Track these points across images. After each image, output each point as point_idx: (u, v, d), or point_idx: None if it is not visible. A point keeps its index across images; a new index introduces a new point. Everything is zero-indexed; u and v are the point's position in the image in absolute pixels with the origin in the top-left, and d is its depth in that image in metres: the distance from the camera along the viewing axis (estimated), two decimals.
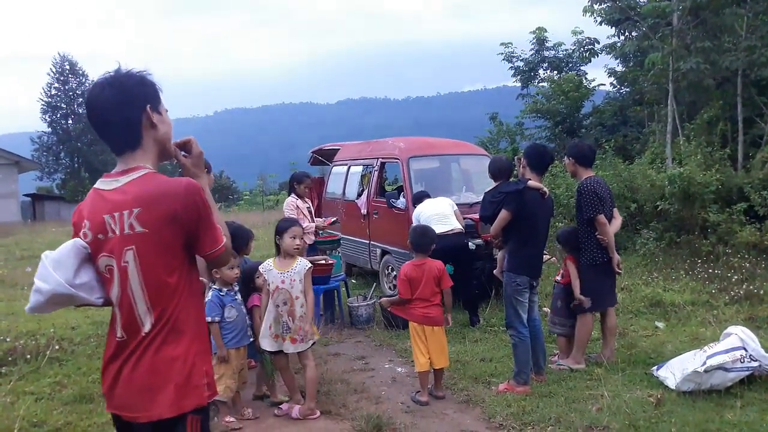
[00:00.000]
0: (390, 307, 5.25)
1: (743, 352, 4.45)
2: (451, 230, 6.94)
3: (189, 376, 1.96)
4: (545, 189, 4.94)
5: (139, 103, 1.96)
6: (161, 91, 2.05)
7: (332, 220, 7.92)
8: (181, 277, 1.99)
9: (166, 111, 2.08)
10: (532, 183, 4.86)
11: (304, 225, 6.69)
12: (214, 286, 4.40)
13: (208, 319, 4.31)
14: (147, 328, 1.96)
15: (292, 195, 7.34)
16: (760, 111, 12.47)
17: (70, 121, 51.32)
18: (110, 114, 1.96)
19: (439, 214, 7.00)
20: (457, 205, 7.34)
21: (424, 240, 4.97)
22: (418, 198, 7.43)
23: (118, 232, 1.93)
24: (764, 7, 11.78)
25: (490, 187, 5.55)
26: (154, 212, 1.90)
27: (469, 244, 7.19)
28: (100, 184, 2.04)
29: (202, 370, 2.00)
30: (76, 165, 51.01)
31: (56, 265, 2.01)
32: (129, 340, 1.98)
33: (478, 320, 6.98)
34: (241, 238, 5.04)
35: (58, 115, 51.19)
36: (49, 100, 50.93)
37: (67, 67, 51.57)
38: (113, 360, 2.01)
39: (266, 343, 4.50)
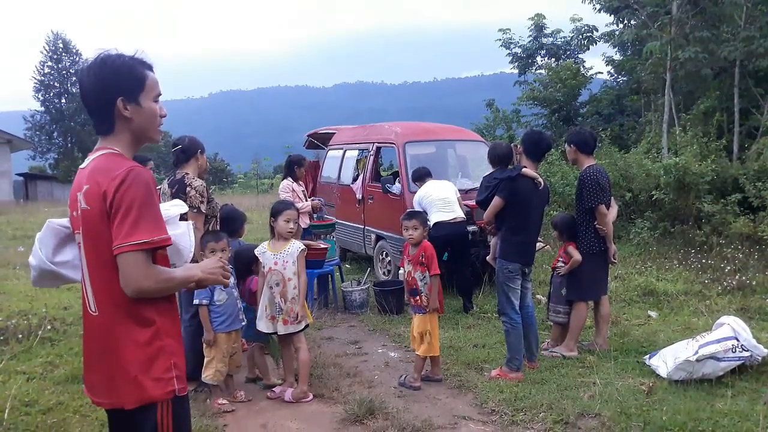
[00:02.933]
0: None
1: (735, 342, 4.47)
2: (455, 219, 6.92)
3: (150, 368, 1.90)
4: (540, 179, 4.87)
5: (112, 94, 1.93)
6: (148, 73, 1.99)
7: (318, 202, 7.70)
8: None
9: (156, 95, 2.02)
10: (526, 171, 4.82)
11: (300, 206, 6.69)
12: None
13: (196, 301, 4.29)
14: (93, 309, 1.94)
15: (289, 178, 7.29)
16: (757, 102, 12.46)
17: (63, 100, 50.84)
18: (87, 99, 1.99)
19: (444, 200, 6.97)
20: None
21: None
22: (420, 176, 7.34)
23: (79, 210, 1.95)
24: None
25: (488, 173, 5.53)
26: (94, 189, 1.88)
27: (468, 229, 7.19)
28: (82, 164, 2.06)
29: (168, 363, 1.94)
30: (69, 145, 50.64)
31: (39, 243, 2.08)
32: (86, 320, 1.98)
33: (471, 306, 6.99)
34: (235, 221, 5.02)
35: (51, 94, 50.68)
36: (42, 78, 50.40)
37: (61, 45, 51.00)
38: (84, 339, 2.04)
39: (263, 325, 4.50)
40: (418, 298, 4.75)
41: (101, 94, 1.94)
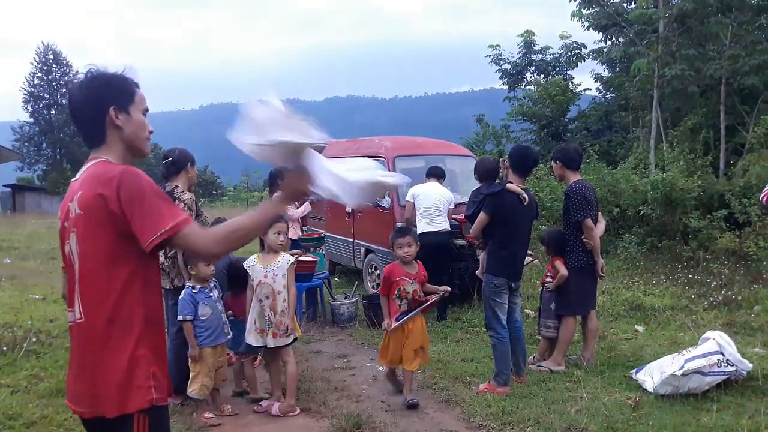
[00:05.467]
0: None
1: (720, 357, 4.50)
2: (440, 230, 7.00)
3: (130, 376, 1.88)
4: (525, 195, 4.89)
5: (104, 104, 1.97)
6: (136, 89, 2.04)
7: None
8: (124, 269, 1.90)
9: (144, 110, 2.07)
10: (511, 186, 4.85)
11: (299, 210, 6.84)
12: (188, 284, 4.36)
13: (180, 317, 4.27)
14: (78, 315, 1.93)
15: (278, 190, 7.28)
16: (743, 119, 12.65)
17: (53, 112, 50.63)
18: (78, 112, 2.01)
19: (434, 210, 7.06)
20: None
21: None
22: (430, 173, 7.45)
23: (71, 218, 1.97)
24: (749, 17, 11.95)
25: (477, 187, 5.56)
26: (88, 193, 1.90)
27: (456, 243, 7.22)
28: (74, 177, 2.08)
29: (148, 372, 1.92)
30: (57, 156, 50.37)
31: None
32: (73, 326, 1.97)
33: (445, 316, 7.09)
34: None
35: (41, 105, 50.49)
36: (32, 89, 50.22)
37: (51, 56, 50.89)
38: (71, 348, 2.03)
39: (252, 338, 4.48)
40: (424, 305, 4.71)
41: (94, 104, 1.97)
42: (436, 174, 7.40)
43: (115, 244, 1.88)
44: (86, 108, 1.99)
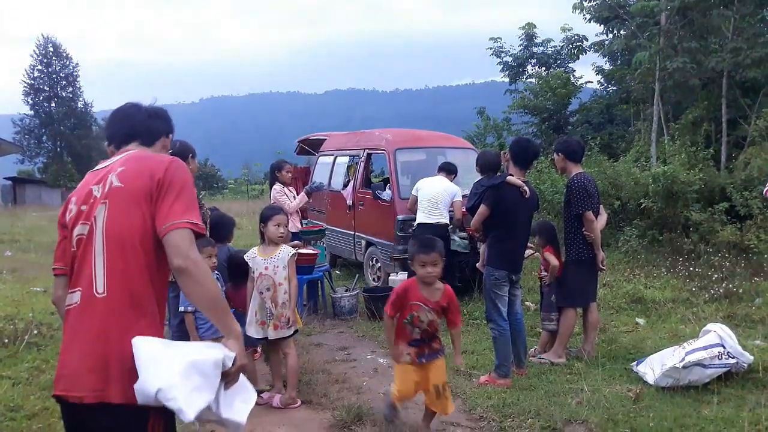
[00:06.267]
0: None
1: (721, 349, 4.50)
2: (436, 223, 6.97)
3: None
4: (525, 187, 4.88)
5: (165, 127, 2.32)
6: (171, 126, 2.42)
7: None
8: (148, 245, 1.93)
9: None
10: (511, 179, 4.84)
11: (296, 202, 6.89)
12: None
13: (181, 309, 4.27)
14: (101, 290, 1.89)
15: (277, 183, 7.27)
16: (744, 113, 12.61)
17: (53, 104, 50.59)
18: (143, 122, 2.26)
19: (433, 202, 7.06)
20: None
21: None
22: (440, 168, 7.47)
23: (99, 195, 1.98)
24: (751, 10, 11.90)
25: (478, 180, 5.56)
26: (133, 169, 1.99)
27: (455, 237, 7.22)
28: (96, 167, 2.15)
29: None
30: (58, 149, 50.37)
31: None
32: (82, 304, 1.92)
33: None
34: (224, 226, 5.02)
35: (41, 98, 50.44)
36: (32, 82, 50.14)
37: (51, 49, 50.77)
38: (67, 334, 1.95)
39: (252, 330, 4.49)
40: (435, 342, 3.85)
41: (160, 123, 2.30)
42: (445, 169, 7.41)
43: (148, 224, 1.93)
44: (154, 122, 2.29)
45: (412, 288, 3.74)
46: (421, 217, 7.04)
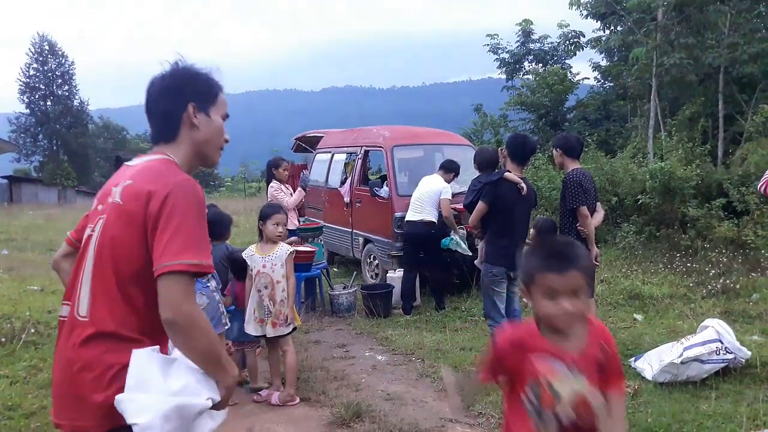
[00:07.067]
0: None
1: (719, 345, 4.51)
2: (420, 220, 7.02)
3: (113, 390, 1.65)
4: (522, 184, 4.88)
5: (185, 97, 1.83)
6: (220, 92, 1.91)
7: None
8: (141, 274, 1.68)
9: (224, 115, 1.93)
10: (509, 175, 4.85)
11: (294, 198, 6.98)
12: None
13: None
14: (83, 313, 1.71)
15: (273, 181, 7.27)
16: (741, 108, 12.63)
17: (48, 103, 50.47)
18: (154, 102, 1.86)
19: (420, 200, 7.10)
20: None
21: None
22: (440, 166, 7.48)
23: (104, 205, 1.80)
24: (747, 5, 11.91)
25: (476, 176, 5.57)
26: (138, 186, 1.72)
27: (453, 237, 7.22)
28: (129, 162, 1.91)
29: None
30: (54, 147, 50.25)
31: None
32: (68, 323, 1.76)
33: (443, 306, 7.14)
34: (221, 224, 5.00)
35: (37, 96, 50.32)
36: (28, 80, 50.01)
37: (47, 47, 50.64)
38: (55, 351, 1.79)
39: (251, 328, 4.49)
40: None
41: (173, 97, 1.83)
42: (443, 167, 7.39)
43: (143, 251, 1.68)
44: (164, 99, 1.84)
45: (531, 336, 1.92)
46: (408, 215, 7.15)
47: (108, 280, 1.70)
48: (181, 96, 1.83)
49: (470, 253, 7.10)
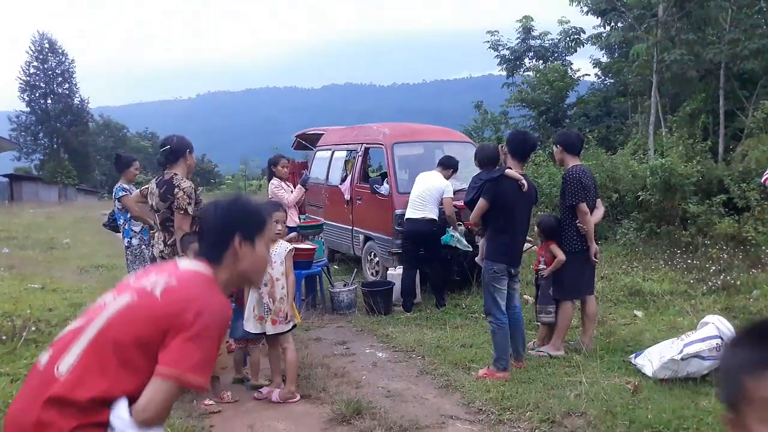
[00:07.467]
0: None
1: (719, 341, 4.51)
2: (422, 218, 7.00)
3: None
4: (523, 181, 4.88)
5: (234, 227, 1.97)
6: (267, 222, 2.06)
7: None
8: (134, 375, 1.72)
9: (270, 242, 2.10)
10: (510, 172, 4.84)
11: (293, 195, 6.99)
12: None
13: None
14: (61, 371, 1.70)
15: (274, 178, 7.28)
16: (742, 105, 12.61)
17: (49, 101, 50.46)
18: (207, 229, 2.03)
19: (420, 198, 7.08)
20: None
21: None
22: (438, 162, 7.45)
23: (135, 282, 1.87)
24: (748, 1, 11.87)
25: (477, 173, 5.56)
26: (179, 292, 1.80)
27: (454, 234, 7.22)
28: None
29: None
30: (55, 146, 50.26)
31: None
32: (44, 370, 1.74)
33: (444, 303, 7.14)
34: None
35: (37, 95, 50.30)
36: (28, 79, 49.99)
37: (47, 45, 50.60)
38: (23, 388, 1.79)
39: (251, 326, 4.49)
40: None
41: (224, 225, 1.97)
42: (442, 164, 7.39)
43: (149, 341, 1.73)
44: (215, 228, 1.99)
45: None
46: (409, 213, 7.12)
47: (104, 361, 1.71)
48: (230, 228, 1.97)
49: (471, 249, 7.11)
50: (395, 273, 7.44)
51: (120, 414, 1.69)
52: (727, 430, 1.06)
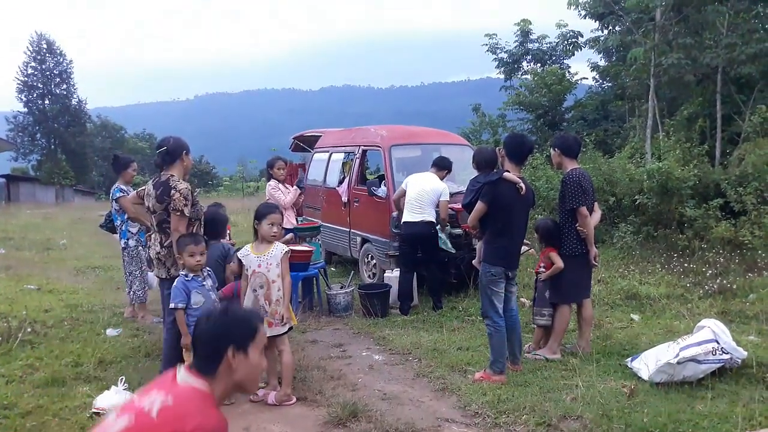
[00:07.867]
0: None
1: (715, 345, 4.52)
2: (421, 221, 7.00)
3: None
4: (522, 184, 4.88)
5: (225, 341, 2.01)
6: (258, 330, 2.08)
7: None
8: None
9: (263, 349, 2.10)
10: (508, 175, 4.84)
11: (289, 197, 7.03)
12: (181, 272, 4.34)
13: (171, 305, 4.25)
14: None
15: (272, 179, 7.29)
16: (739, 109, 12.64)
17: (46, 102, 50.37)
18: (199, 341, 2.05)
19: (418, 201, 7.05)
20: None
21: None
22: (432, 163, 7.42)
23: (142, 406, 1.91)
24: (745, 6, 11.92)
25: (475, 176, 5.56)
26: (174, 411, 1.86)
27: (441, 235, 7.22)
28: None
29: None
30: (52, 146, 50.18)
31: None
32: None
33: (441, 306, 7.14)
34: (218, 224, 5.00)
35: (35, 95, 50.21)
36: (26, 79, 49.91)
37: (45, 46, 50.53)
38: None
39: None
40: None
41: (216, 340, 2.01)
42: (436, 164, 7.38)
43: None
44: (208, 339, 2.03)
45: None
46: (407, 216, 7.08)
47: None
48: (223, 339, 2.01)
49: (454, 251, 7.15)
50: (392, 275, 7.43)
51: None
52: None
